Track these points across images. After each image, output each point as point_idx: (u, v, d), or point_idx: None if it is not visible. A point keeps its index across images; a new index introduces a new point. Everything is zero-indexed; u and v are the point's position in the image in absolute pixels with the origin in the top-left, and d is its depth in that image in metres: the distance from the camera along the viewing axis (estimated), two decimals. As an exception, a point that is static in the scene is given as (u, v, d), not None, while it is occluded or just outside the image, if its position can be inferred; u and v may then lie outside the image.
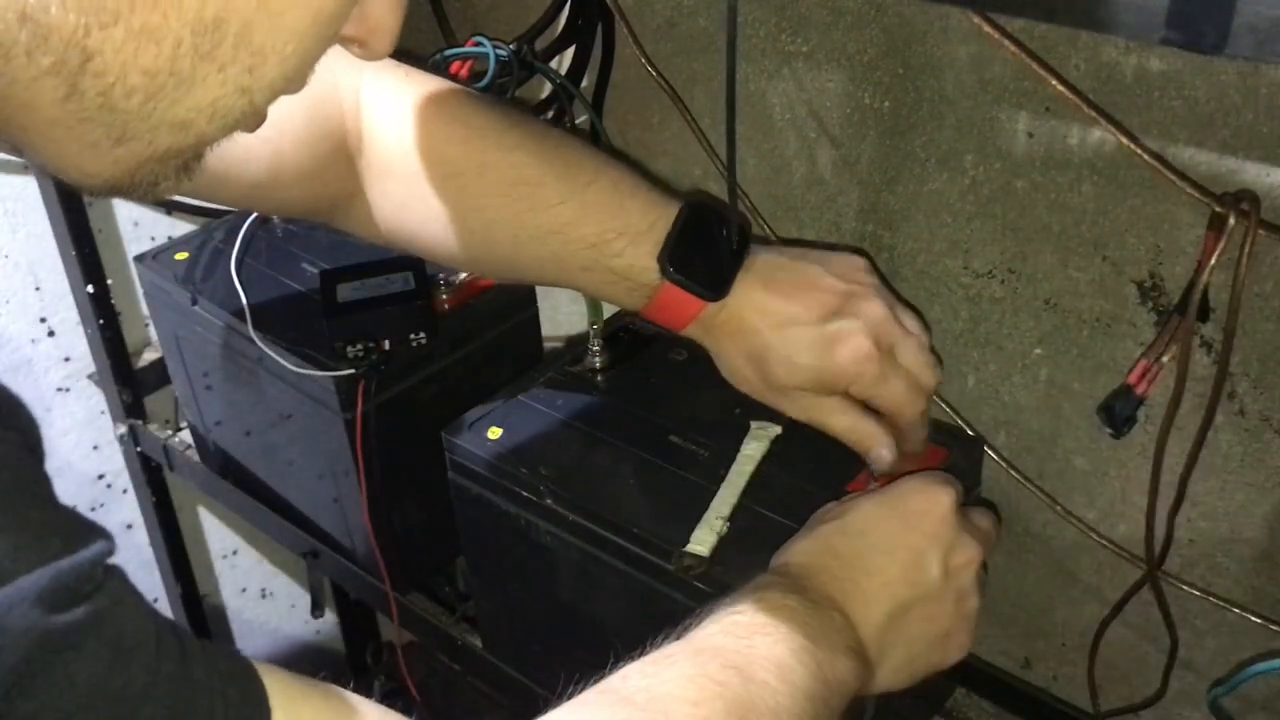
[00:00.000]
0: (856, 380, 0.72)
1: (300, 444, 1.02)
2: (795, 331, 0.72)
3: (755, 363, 0.74)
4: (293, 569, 1.61)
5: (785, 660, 0.57)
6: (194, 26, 0.38)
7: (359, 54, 0.46)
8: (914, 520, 0.66)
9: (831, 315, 0.72)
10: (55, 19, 0.36)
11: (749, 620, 0.58)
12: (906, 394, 0.73)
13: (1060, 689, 0.95)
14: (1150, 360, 0.74)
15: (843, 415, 0.74)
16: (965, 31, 0.78)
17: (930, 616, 0.65)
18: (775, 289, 0.73)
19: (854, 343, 0.72)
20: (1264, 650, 0.79)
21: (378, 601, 1.06)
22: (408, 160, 0.75)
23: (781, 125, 0.93)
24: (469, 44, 0.95)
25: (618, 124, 1.05)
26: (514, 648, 0.93)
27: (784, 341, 0.72)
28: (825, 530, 0.66)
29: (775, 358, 0.73)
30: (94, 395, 1.33)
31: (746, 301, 0.73)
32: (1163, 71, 0.71)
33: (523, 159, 0.75)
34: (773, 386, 0.74)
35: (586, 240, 0.73)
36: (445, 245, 0.78)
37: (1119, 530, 0.86)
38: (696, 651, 0.57)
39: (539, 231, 0.74)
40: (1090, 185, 0.78)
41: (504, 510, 0.81)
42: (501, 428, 0.82)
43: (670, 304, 0.74)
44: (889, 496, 0.67)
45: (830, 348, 0.72)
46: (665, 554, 0.72)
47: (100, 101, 0.38)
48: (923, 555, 0.64)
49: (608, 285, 0.75)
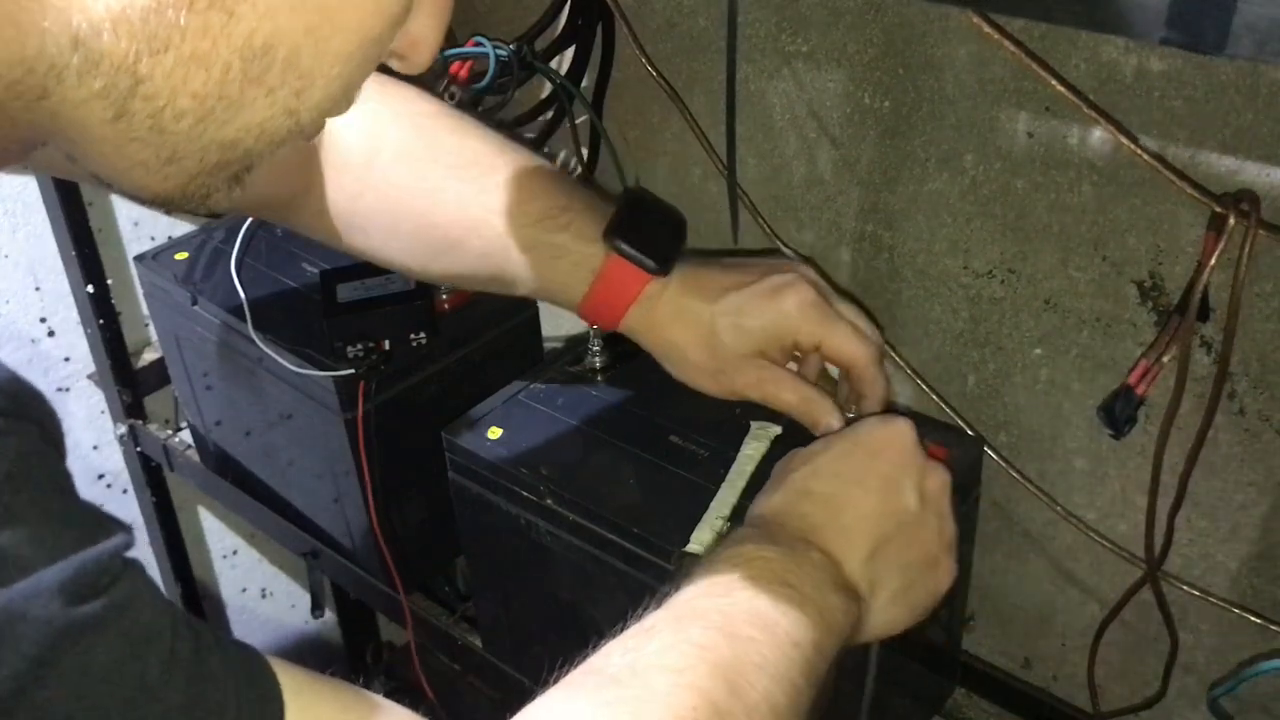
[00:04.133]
0: (804, 326, 0.73)
1: (300, 444, 1.02)
2: (737, 295, 0.74)
3: (703, 340, 0.74)
4: (293, 569, 1.61)
5: (766, 611, 0.56)
6: (243, 53, 0.38)
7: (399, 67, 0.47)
8: (881, 451, 0.66)
9: (768, 275, 0.75)
10: (107, 45, 0.36)
11: (727, 577, 0.58)
12: (855, 339, 0.74)
13: (1060, 689, 0.95)
14: (1150, 360, 0.74)
15: (793, 388, 0.74)
16: (965, 31, 0.78)
17: (916, 541, 0.65)
18: (711, 268, 0.76)
19: (796, 289, 0.74)
20: (1263, 650, 0.79)
21: (378, 601, 1.06)
22: (364, 147, 0.76)
23: (781, 125, 0.93)
24: (469, 44, 0.95)
25: (618, 124, 1.05)
26: (514, 648, 0.93)
27: (728, 307, 0.74)
28: (795, 476, 0.66)
29: (723, 325, 0.73)
30: (94, 395, 1.33)
31: (685, 281, 0.75)
32: (1163, 71, 0.71)
33: (473, 143, 0.77)
34: (723, 363, 0.74)
35: (531, 216, 0.75)
36: (395, 236, 0.78)
37: (1119, 530, 0.86)
38: (676, 619, 0.57)
39: (486, 211, 0.75)
40: (1090, 185, 0.78)
41: (504, 510, 0.81)
42: (501, 428, 0.82)
43: (614, 281, 0.74)
44: (852, 434, 0.67)
45: (773, 298, 0.73)
46: (665, 554, 0.72)
47: (150, 124, 0.39)
48: (897, 483, 0.65)
49: (549, 265, 0.75)
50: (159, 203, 0.43)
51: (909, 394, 0.92)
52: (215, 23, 0.37)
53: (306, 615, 1.63)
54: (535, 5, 1.00)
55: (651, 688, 0.53)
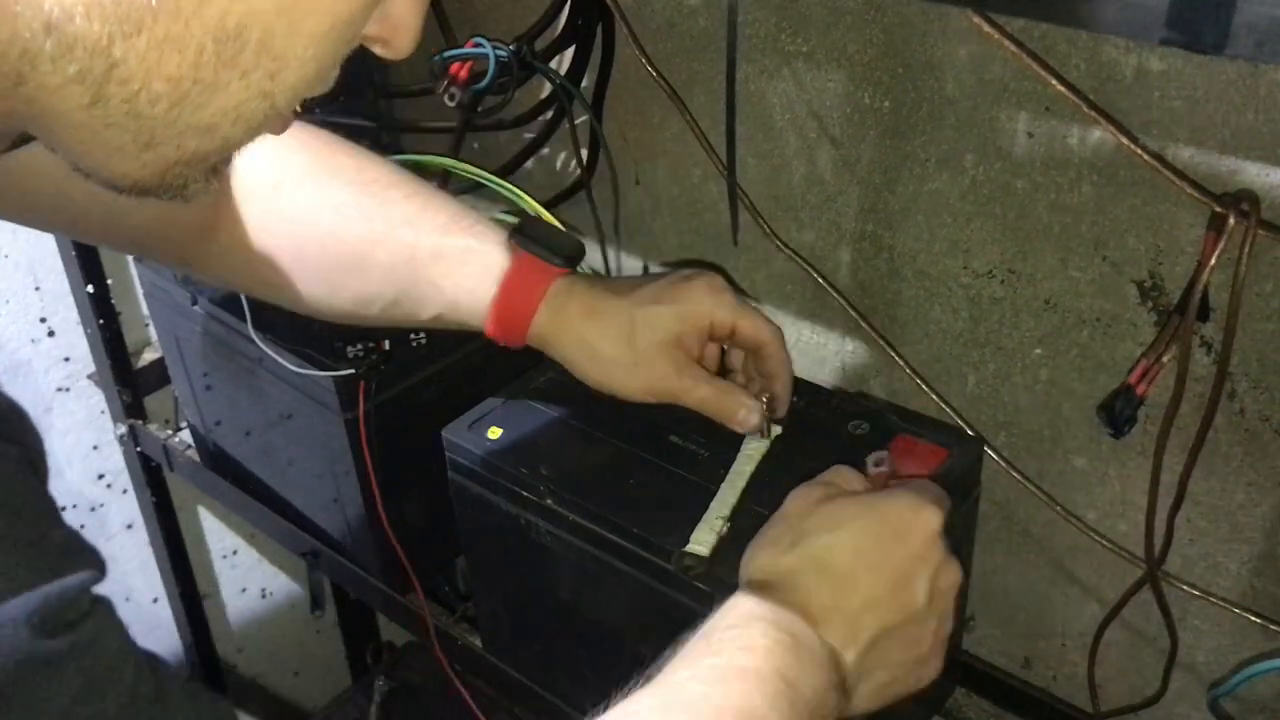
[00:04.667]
0: (717, 309, 0.74)
1: (300, 444, 1.02)
2: (649, 287, 0.76)
3: (619, 333, 0.74)
4: (293, 569, 1.61)
5: (760, 710, 0.55)
6: (215, 35, 0.38)
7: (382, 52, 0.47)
8: (905, 537, 0.63)
9: (676, 272, 0.77)
10: (80, 29, 0.36)
11: (724, 664, 0.56)
12: (765, 320, 0.76)
13: (1060, 689, 0.95)
14: (1150, 360, 0.74)
15: (706, 384, 0.75)
16: (965, 31, 0.78)
17: (913, 640, 0.63)
18: (615, 279, 0.80)
19: (705, 277, 0.76)
20: (1264, 650, 0.79)
21: (378, 601, 1.06)
22: (268, 176, 0.77)
23: (781, 125, 0.93)
24: (469, 44, 0.95)
25: (618, 124, 1.05)
26: (514, 648, 0.93)
27: (643, 298, 0.75)
28: (812, 542, 0.63)
29: (639, 316, 0.74)
30: (94, 395, 1.33)
31: (593, 284, 0.77)
32: (1163, 71, 0.71)
33: (372, 164, 0.79)
34: (640, 355, 0.74)
35: (437, 224, 0.76)
36: (300, 261, 0.77)
37: (1119, 530, 0.86)
38: (663, 707, 0.55)
39: (390, 224, 0.76)
40: (1090, 185, 0.78)
41: (504, 510, 0.81)
42: (501, 428, 0.82)
43: (523, 278, 0.75)
44: (880, 510, 0.64)
45: (686, 285, 0.75)
46: (665, 554, 0.72)
47: (126, 108, 0.39)
48: (911, 578, 0.62)
49: (457, 271, 0.76)
50: (137, 191, 0.43)
51: (909, 394, 0.92)
52: (187, 5, 0.37)
53: (306, 615, 1.63)
54: (535, 5, 1.00)
55: None
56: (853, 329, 0.96)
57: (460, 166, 0.99)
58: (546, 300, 0.75)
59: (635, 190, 1.07)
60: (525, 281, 0.75)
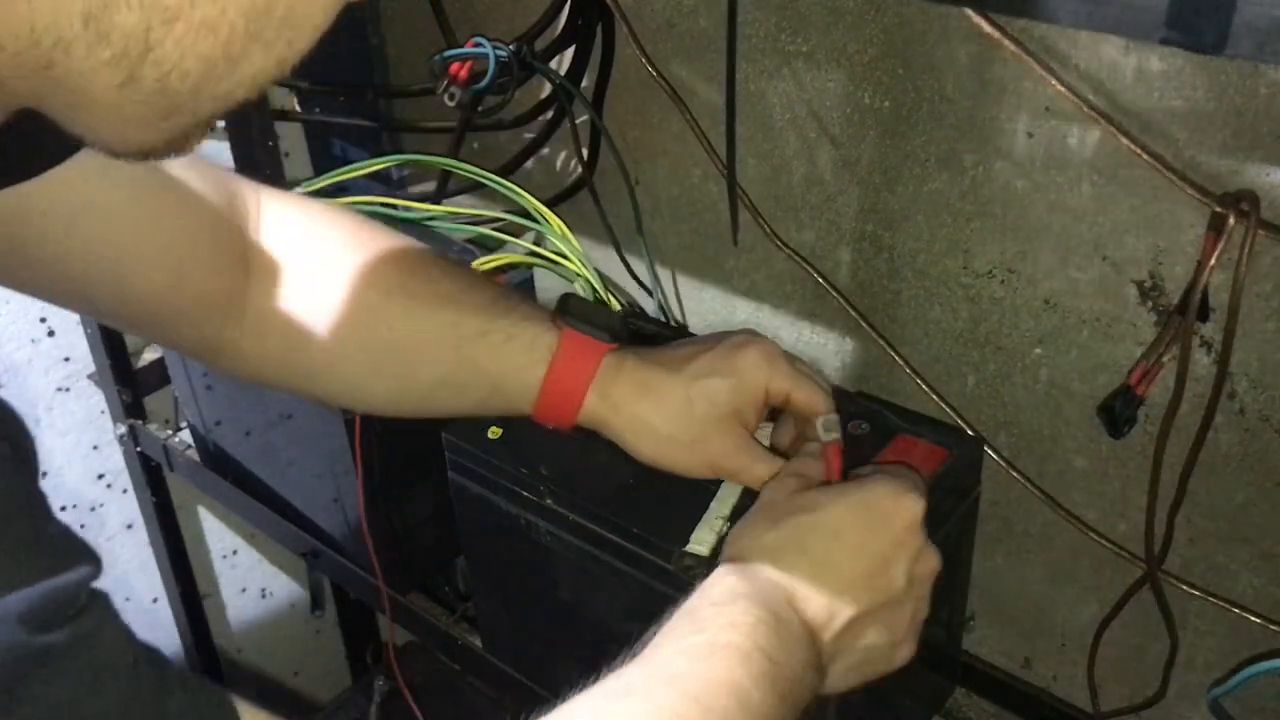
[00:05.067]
0: (774, 376, 0.71)
1: (300, 444, 1.02)
2: (702, 360, 0.73)
3: (675, 411, 0.72)
4: (293, 569, 1.61)
5: (744, 685, 0.56)
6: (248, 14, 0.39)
7: None
8: (886, 522, 0.64)
9: (724, 339, 0.74)
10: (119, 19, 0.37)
11: (709, 640, 0.57)
12: (820, 388, 0.73)
13: (1060, 689, 0.95)
14: (1150, 360, 0.74)
15: (765, 463, 0.72)
16: (965, 31, 0.78)
17: (888, 624, 0.64)
18: (663, 348, 0.75)
19: (758, 343, 0.73)
20: (1264, 650, 0.79)
21: (378, 601, 1.06)
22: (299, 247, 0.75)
23: (781, 125, 0.93)
24: (469, 44, 0.95)
25: (618, 124, 1.05)
26: (514, 648, 0.93)
27: (696, 371, 0.72)
28: (795, 523, 0.65)
29: (695, 391, 0.72)
30: (94, 395, 1.33)
31: (643, 358, 0.74)
32: (1163, 71, 0.71)
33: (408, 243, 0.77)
34: (699, 432, 0.72)
35: (479, 305, 0.74)
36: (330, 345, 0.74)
37: (1119, 530, 0.86)
38: (650, 680, 0.56)
39: (431, 301, 0.74)
40: (1090, 185, 0.78)
41: (504, 510, 0.81)
42: (501, 428, 0.82)
43: (572, 356, 0.72)
44: (861, 496, 0.65)
45: (739, 354, 0.72)
46: (665, 554, 0.72)
47: (157, 87, 0.39)
48: (891, 563, 0.63)
49: (503, 350, 0.73)
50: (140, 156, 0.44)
51: (909, 394, 0.92)
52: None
53: (306, 615, 1.63)
54: (535, 5, 1.00)
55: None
56: (853, 329, 0.96)
57: (460, 166, 0.99)
58: (597, 379, 0.73)
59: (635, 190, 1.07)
60: (575, 361, 0.72)
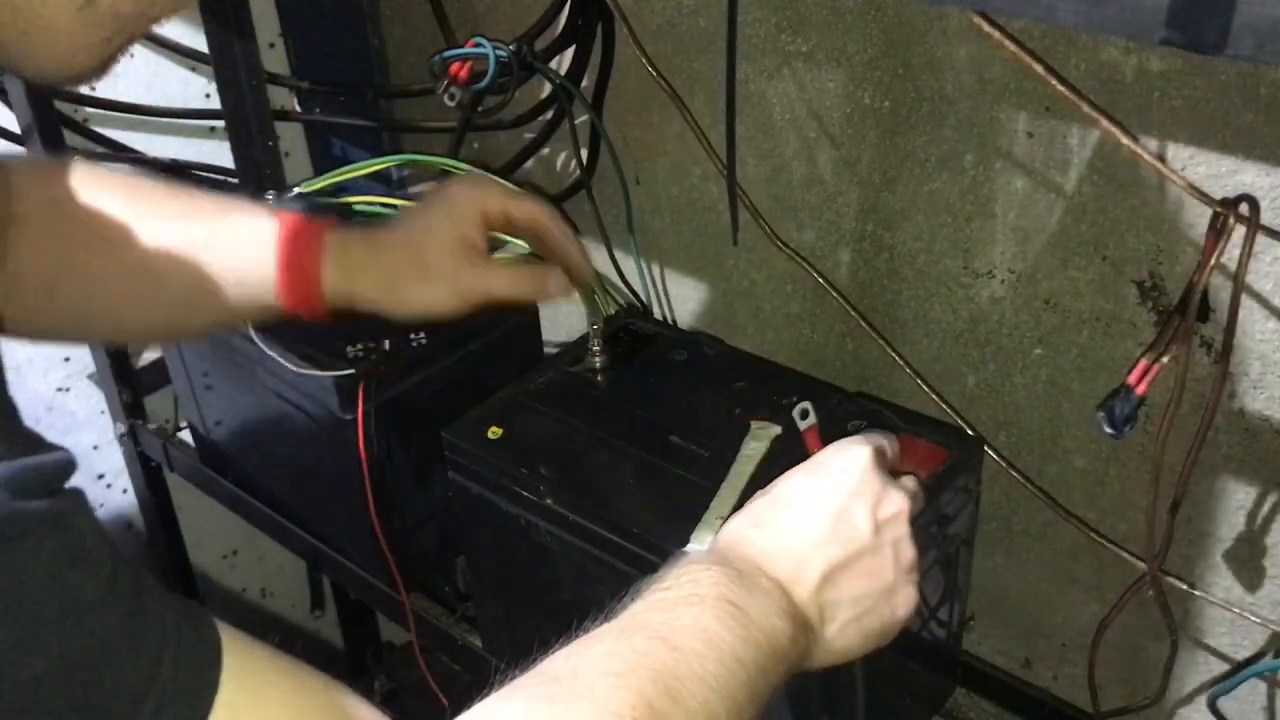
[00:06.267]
0: (486, 197, 0.76)
1: (300, 444, 1.02)
2: (414, 210, 0.78)
3: (410, 261, 0.75)
4: (293, 569, 1.61)
5: (711, 626, 0.57)
6: None
7: None
8: (835, 479, 0.65)
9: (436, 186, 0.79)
10: None
11: (674, 594, 0.59)
12: (536, 202, 0.77)
13: (1060, 689, 0.95)
14: (1150, 360, 0.74)
15: (501, 275, 0.76)
16: (965, 31, 0.78)
17: (870, 571, 0.64)
18: None
19: (464, 178, 0.80)
20: (1263, 650, 0.79)
21: (378, 601, 1.06)
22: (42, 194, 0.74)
23: (781, 125, 0.93)
24: (469, 44, 0.95)
25: (618, 124, 1.05)
26: (514, 648, 0.93)
27: (412, 220, 0.77)
28: (753, 505, 0.66)
29: (418, 236, 0.75)
30: (94, 395, 1.33)
31: (368, 230, 0.77)
32: (1163, 71, 0.71)
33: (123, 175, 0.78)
34: (441, 269, 0.75)
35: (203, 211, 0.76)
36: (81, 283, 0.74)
37: (1119, 530, 0.86)
38: (621, 629, 0.58)
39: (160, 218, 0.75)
40: (1090, 185, 0.78)
41: (504, 510, 0.81)
42: (501, 428, 0.82)
43: (299, 236, 0.74)
44: (810, 464, 0.67)
45: (446, 191, 0.77)
46: (665, 554, 0.72)
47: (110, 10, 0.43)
48: (849, 511, 0.64)
49: (232, 245, 0.75)
50: (74, 81, 0.47)
51: (909, 394, 0.92)
52: None
53: (306, 615, 1.63)
54: (535, 5, 1.00)
55: (591, 688, 0.54)
56: (853, 329, 0.96)
57: (460, 166, 0.99)
58: (328, 253, 0.75)
59: (635, 190, 1.07)
60: (299, 239, 0.74)
